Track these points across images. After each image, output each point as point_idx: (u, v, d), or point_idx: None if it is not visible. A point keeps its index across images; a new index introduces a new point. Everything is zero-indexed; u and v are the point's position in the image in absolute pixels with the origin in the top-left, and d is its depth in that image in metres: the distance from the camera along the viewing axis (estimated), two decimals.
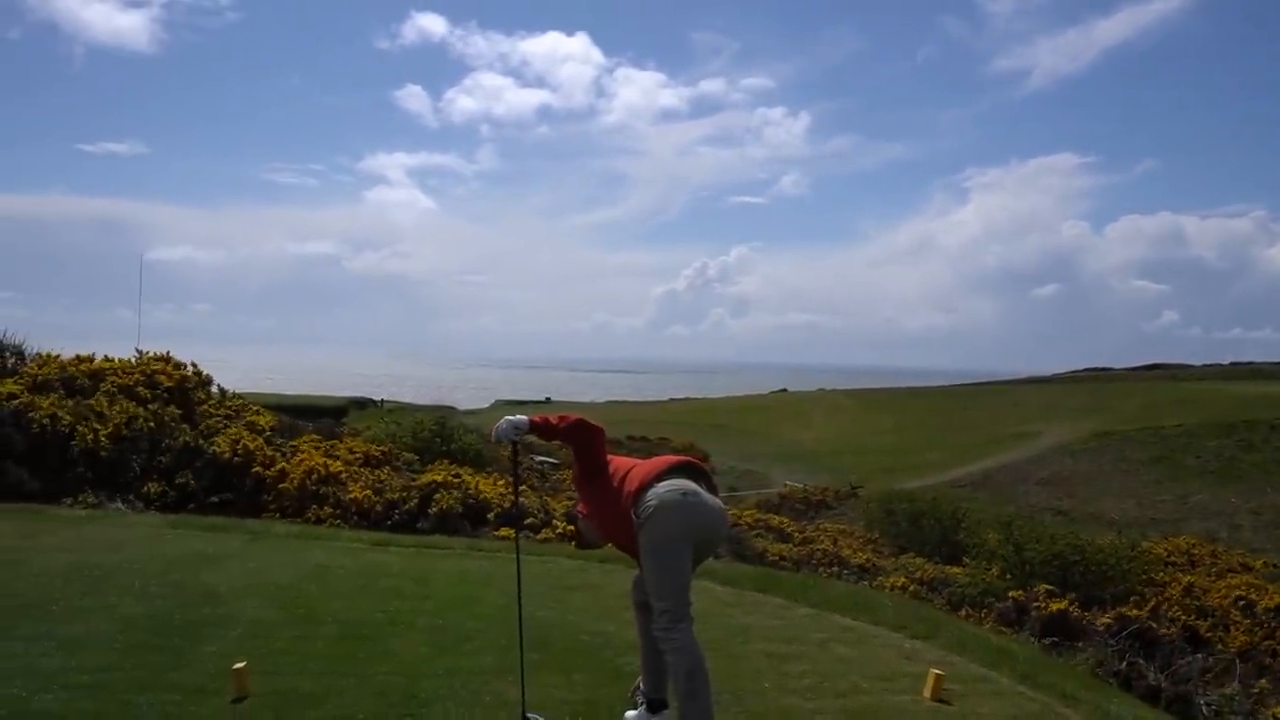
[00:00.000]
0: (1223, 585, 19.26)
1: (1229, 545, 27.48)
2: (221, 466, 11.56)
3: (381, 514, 11.23)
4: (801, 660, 5.97)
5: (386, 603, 6.78)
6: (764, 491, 41.80)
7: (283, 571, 7.55)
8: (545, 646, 5.98)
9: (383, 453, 16.90)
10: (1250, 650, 13.97)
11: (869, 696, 5.45)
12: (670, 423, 71.32)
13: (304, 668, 5.38)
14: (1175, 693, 6.89)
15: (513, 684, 5.27)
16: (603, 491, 4.70)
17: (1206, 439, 45.79)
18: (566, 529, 11.62)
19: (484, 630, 6.26)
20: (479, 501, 11.72)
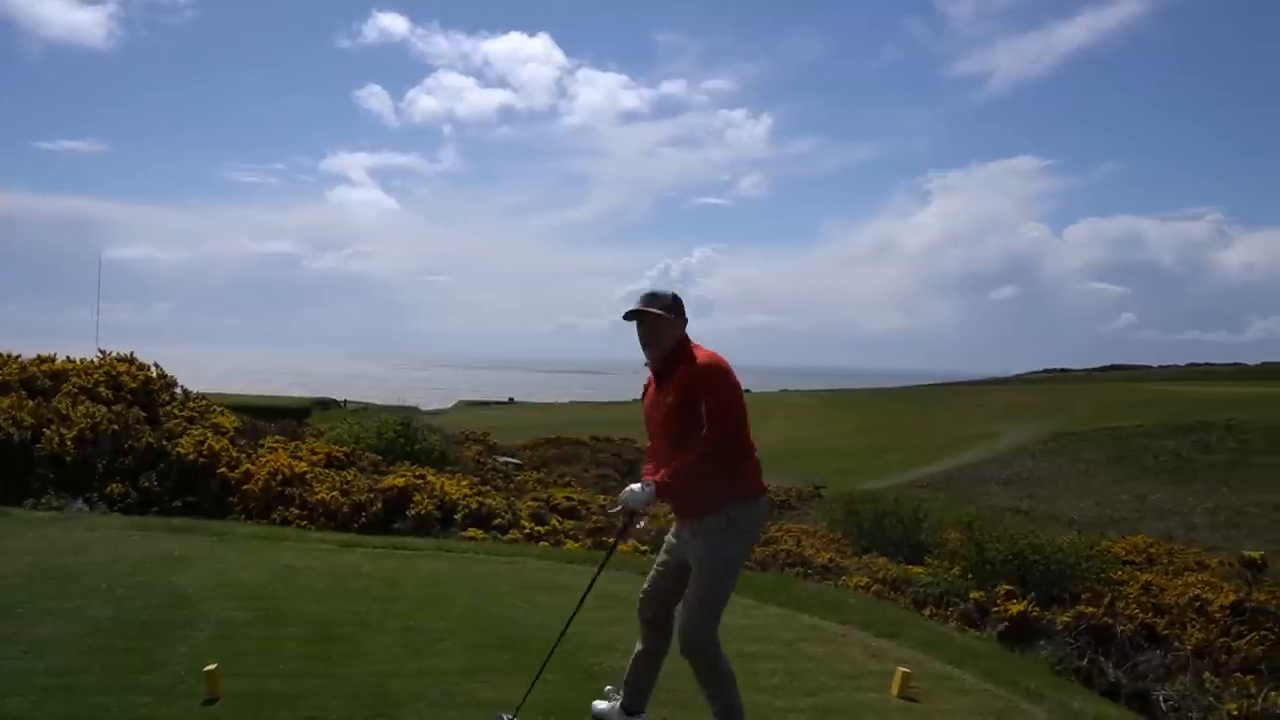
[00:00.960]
0: (1179, 583, 19.55)
1: (1185, 544, 27.86)
2: (186, 468, 11.49)
3: (349, 515, 11.20)
4: (771, 659, 6.04)
5: (356, 603, 6.78)
6: None
7: (250, 572, 7.53)
8: (517, 647, 6.01)
9: (345, 454, 16.84)
10: (1206, 647, 14.21)
11: (837, 694, 5.52)
12: (634, 423, 71.12)
13: (275, 668, 5.38)
14: (1134, 689, 7.01)
15: (485, 684, 5.32)
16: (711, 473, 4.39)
17: (1163, 439, 46.36)
18: (535, 529, 11.64)
19: (455, 631, 6.28)
20: (447, 502, 11.71)
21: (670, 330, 4.45)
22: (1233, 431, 44.42)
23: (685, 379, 4.35)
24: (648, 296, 4.47)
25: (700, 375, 4.33)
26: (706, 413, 4.28)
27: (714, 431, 4.29)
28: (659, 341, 4.45)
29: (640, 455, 53.66)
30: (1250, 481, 36.07)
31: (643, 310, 4.45)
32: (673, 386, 4.38)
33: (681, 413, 4.34)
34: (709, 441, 4.30)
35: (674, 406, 4.36)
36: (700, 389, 4.31)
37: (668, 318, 4.43)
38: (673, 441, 4.40)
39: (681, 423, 4.34)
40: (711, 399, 4.31)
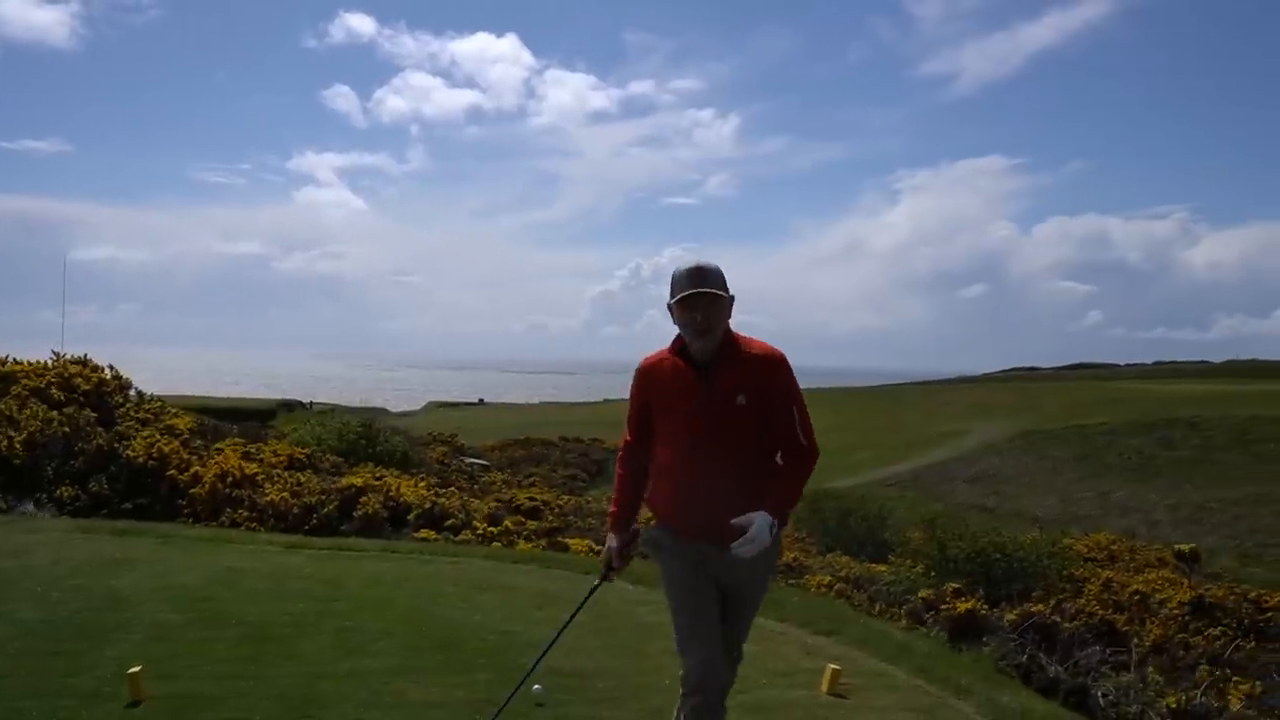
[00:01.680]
0: (1140, 580, 19.75)
1: (1147, 541, 28.11)
2: (137, 471, 11.41)
3: (300, 517, 11.14)
4: None
5: (295, 605, 6.76)
6: None
7: (191, 575, 7.50)
8: (451, 647, 6.01)
9: (307, 455, 16.78)
10: (1165, 643, 14.36)
11: (766, 692, 5.54)
12: (605, 423, 71.25)
13: (204, 671, 5.36)
14: (1073, 685, 7.06)
15: (414, 684, 5.31)
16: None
17: (1128, 437, 46.72)
18: (487, 530, 11.62)
19: (391, 631, 6.27)
20: (400, 504, 11.67)
21: (725, 313, 3.80)
22: (1196, 429, 44.82)
23: (759, 375, 3.74)
24: (700, 272, 3.76)
25: (783, 373, 3.78)
26: (799, 420, 3.78)
27: (810, 442, 3.79)
28: (717, 327, 3.76)
29: (610, 455, 53.71)
30: (1212, 478, 36.42)
31: (707, 291, 3.73)
32: (730, 382, 3.73)
33: (755, 417, 3.73)
34: (813, 456, 3.80)
35: (745, 409, 3.72)
36: (783, 389, 3.77)
37: (726, 298, 3.78)
38: (734, 449, 3.76)
39: (754, 428, 3.75)
40: (798, 402, 3.80)
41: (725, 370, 3.76)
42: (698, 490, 3.81)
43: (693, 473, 3.82)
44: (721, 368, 3.76)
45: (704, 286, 3.71)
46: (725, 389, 3.74)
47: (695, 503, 3.83)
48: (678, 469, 3.88)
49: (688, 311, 3.74)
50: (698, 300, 3.72)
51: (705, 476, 3.79)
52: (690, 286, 3.72)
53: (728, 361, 3.77)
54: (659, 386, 3.92)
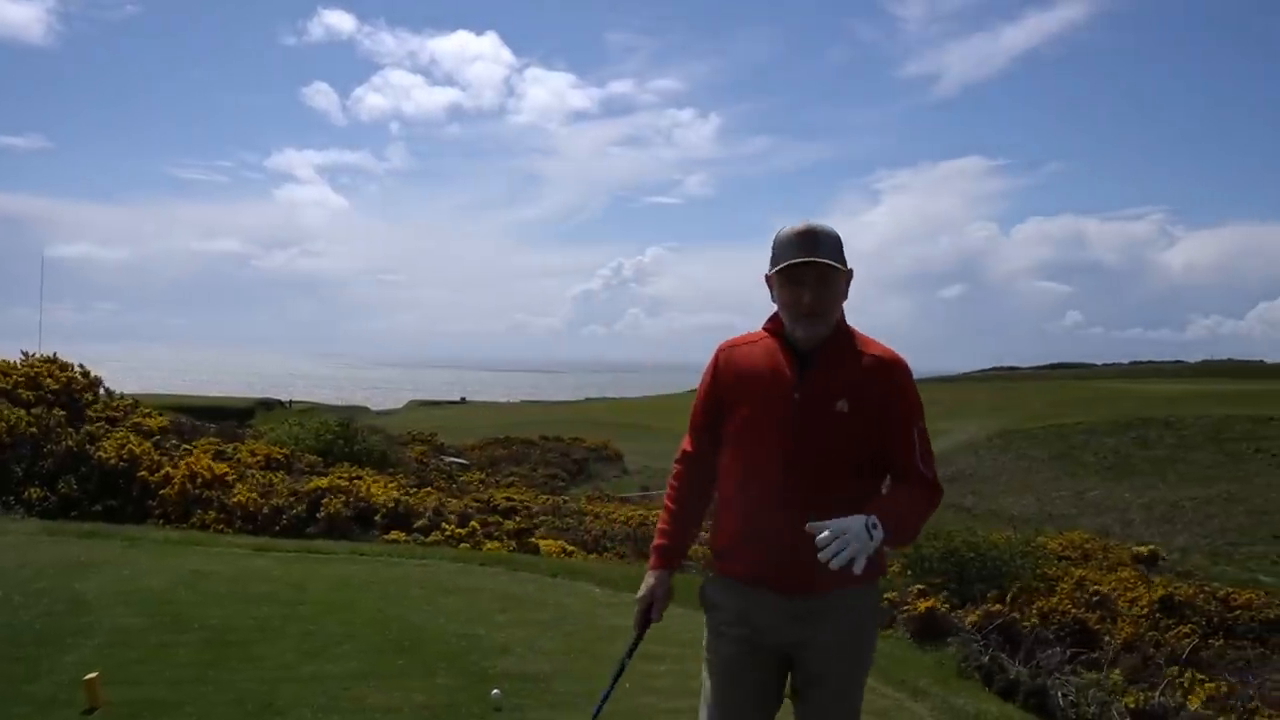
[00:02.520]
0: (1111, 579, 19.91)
1: (1121, 539, 28.33)
2: (107, 472, 11.37)
3: (269, 518, 11.14)
4: (666, 660, 6.07)
5: (258, 608, 6.76)
6: None
7: (156, 578, 7.48)
8: (413, 650, 6.02)
9: (284, 455, 16.77)
10: (1135, 642, 14.49)
11: None
12: (585, 422, 71.35)
13: (163, 676, 5.35)
14: (1033, 686, 7.13)
15: (375, 689, 5.33)
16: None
17: (1104, 436, 47.12)
18: (456, 531, 11.64)
19: (355, 635, 6.27)
20: (368, 505, 11.67)
21: (841, 293, 2.97)
22: (1171, 428, 45.23)
23: (873, 380, 2.92)
24: (811, 235, 2.90)
25: (904, 382, 2.97)
26: (920, 447, 2.95)
27: (934, 475, 2.96)
28: (830, 310, 2.93)
29: (591, 455, 53.77)
30: (1186, 477, 36.75)
31: (820, 262, 2.87)
32: (833, 382, 2.90)
33: (859, 433, 2.89)
34: (936, 494, 2.97)
35: (845, 420, 2.88)
36: (902, 403, 2.94)
37: (844, 272, 2.95)
38: (828, 472, 2.89)
39: (856, 448, 2.90)
40: (920, 424, 2.99)
41: (829, 366, 2.93)
42: (773, 523, 2.90)
43: (769, 499, 2.91)
44: (825, 362, 2.93)
45: (816, 255, 2.86)
46: (823, 389, 2.90)
47: (766, 540, 2.93)
48: (749, 492, 2.98)
49: (792, 287, 2.90)
50: (806, 272, 2.87)
51: (785, 506, 2.86)
52: (798, 254, 2.87)
53: (835, 356, 2.94)
54: (745, 373, 3.02)
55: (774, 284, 2.99)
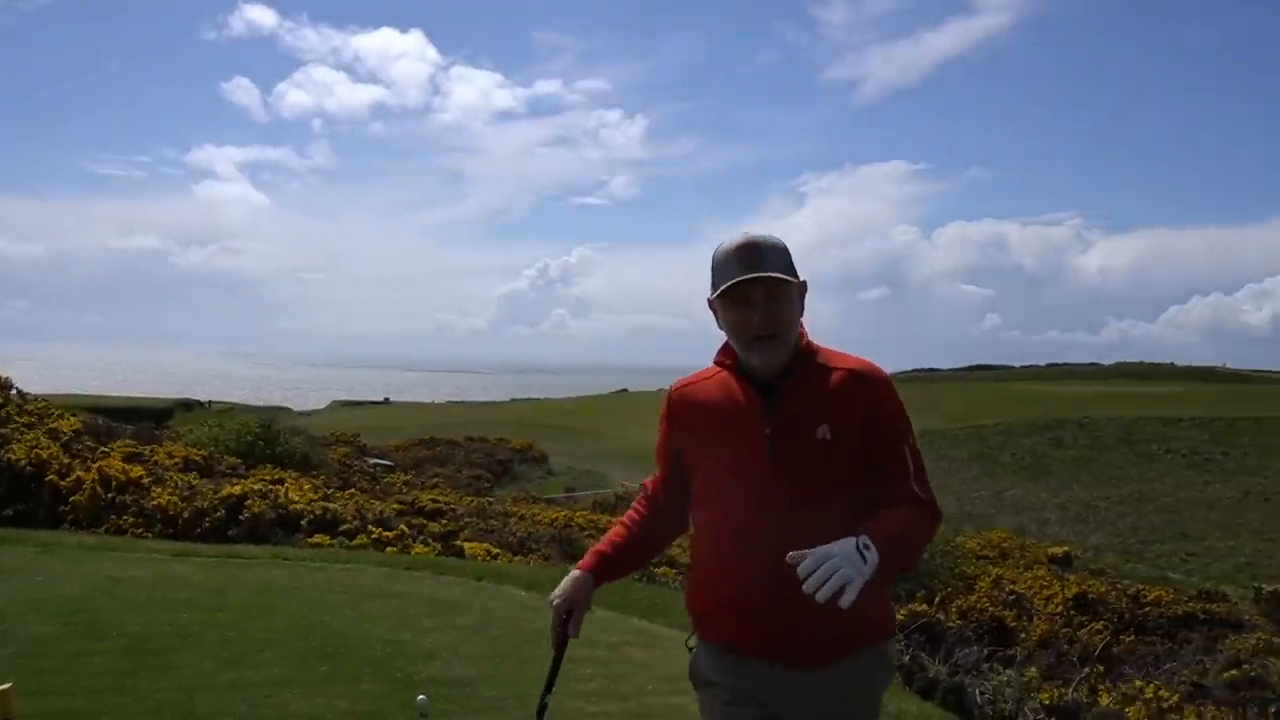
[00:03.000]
0: (1027, 577, 20.34)
1: (1038, 538, 28.92)
2: (17, 475, 11.09)
3: (190, 522, 10.95)
4: (592, 664, 6.10)
5: (177, 615, 6.64)
6: (601, 491, 42.12)
7: (71, 584, 7.32)
8: (337, 657, 5.96)
9: (203, 457, 16.51)
10: (1050, 639, 14.82)
11: (653, 698, 5.61)
12: (511, 423, 71.15)
13: (79, 685, 5.24)
14: (951, 684, 7.26)
15: (297, 696, 5.27)
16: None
17: (1022, 437, 48.06)
18: (382, 534, 11.54)
19: (276, 641, 6.19)
20: (289, 510, 11.52)
21: (795, 308, 2.59)
22: (1085, 429, 46.24)
23: (851, 398, 2.54)
24: (753, 249, 2.54)
25: (887, 397, 2.59)
26: (914, 466, 2.56)
27: (930, 497, 2.56)
28: (784, 330, 2.55)
29: (517, 456, 53.66)
30: (1099, 477, 37.61)
31: (767, 276, 2.51)
32: (807, 407, 2.54)
33: (846, 460, 2.53)
34: (935, 517, 2.55)
35: (829, 448, 2.52)
36: (888, 420, 2.57)
37: (795, 285, 2.57)
38: (814, 509, 2.48)
39: (844, 477, 2.53)
40: (910, 441, 2.60)
41: (800, 390, 2.56)
42: (757, 575, 2.48)
43: (751, 547, 2.51)
44: (795, 387, 2.57)
45: (761, 269, 2.49)
46: (799, 417, 2.54)
47: (753, 595, 2.51)
48: (729, 543, 2.57)
49: (739, 309, 2.53)
50: (753, 290, 2.50)
51: (770, 553, 2.39)
52: (741, 271, 2.50)
53: (803, 379, 2.58)
54: (701, 417, 2.68)
55: (718, 309, 2.59)
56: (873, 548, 2.23)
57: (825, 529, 2.33)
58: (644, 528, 2.85)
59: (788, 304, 2.55)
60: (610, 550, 2.82)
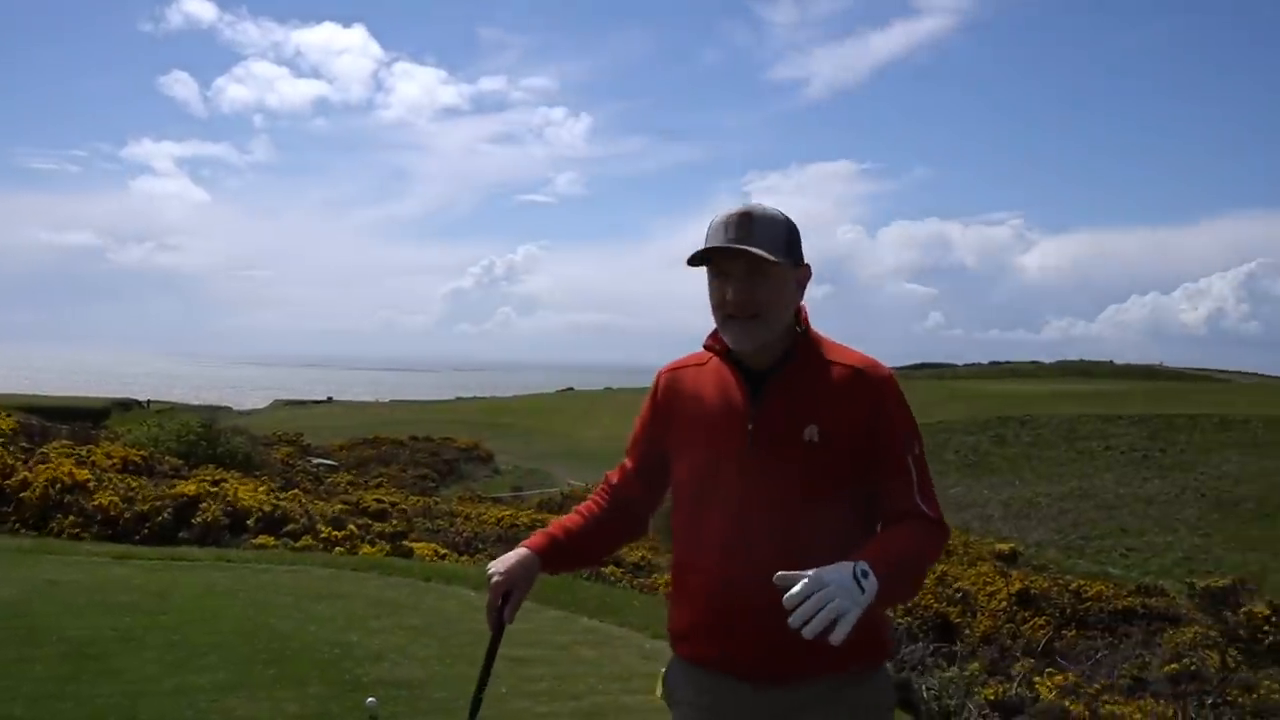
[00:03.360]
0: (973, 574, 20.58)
1: (981, 535, 29.25)
2: None
3: (132, 524, 10.77)
4: (542, 664, 6.09)
5: (119, 619, 6.52)
6: (547, 490, 42.01)
7: (8, 588, 7.17)
8: (283, 660, 5.89)
9: (143, 458, 16.27)
10: (993, 634, 15.00)
11: (603, 697, 5.61)
12: (456, 422, 70.80)
13: (19, 691, 5.13)
14: (897, 679, 7.33)
15: (244, 700, 5.20)
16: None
17: (964, 435, 48.59)
18: (331, 534, 11.43)
19: (221, 645, 6.11)
20: (238, 510, 11.38)
21: (785, 291, 2.32)
22: (1027, 427, 46.89)
23: (848, 399, 2.28)
24: (744, 219, 2.28)
25: (890, 399, 2.31)
26: (918, 479, 2.27)
27: (937, 514, 2.27)
28: (769, 312, 2.28)
29: (462, 455, 53.36)
30: (1041, 474, 38.14)
31: (748, 251, 2.24)
32: (796, 405, 2.28)
33: (836, 468, 2.25)
34: (942, 534, 2.29)
35: (817, 453, 2.25)
36: (891, 426, 2.28)
37: (784, 266, 2.28)
38: (801, 520, 2.24)
39: (834, 487, 2.26)
40: (916, 451, 2.30)
41: (791, 385, 2.31)
42: (737, 594, 2.25)
43: (730, 563, 2.27)
44: (785, 381, 2.32)
45: (746, 241, 2.24)
46: (785, 415, 2.29)
47: (730, 617, 2.27)
48: (706, 557, 2.32)
49: (717, 281, 2.31)
50: (733, 262, 2.27)
51: (751, 571, 2.19)
52: (725, 239, 2.27)
53: (797, 372, 2.33)
54: (690, 406, 2.42)
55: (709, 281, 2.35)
56: (871, 575, 1.96)
57: (814, 541, 2.18)
58: (602, 521, 2.58)
59: (775, 285, 2.28)
60: (563, 536, 2.54)
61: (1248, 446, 36.00)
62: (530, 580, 2.47)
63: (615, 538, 2.72)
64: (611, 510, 2.60)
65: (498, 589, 2.44)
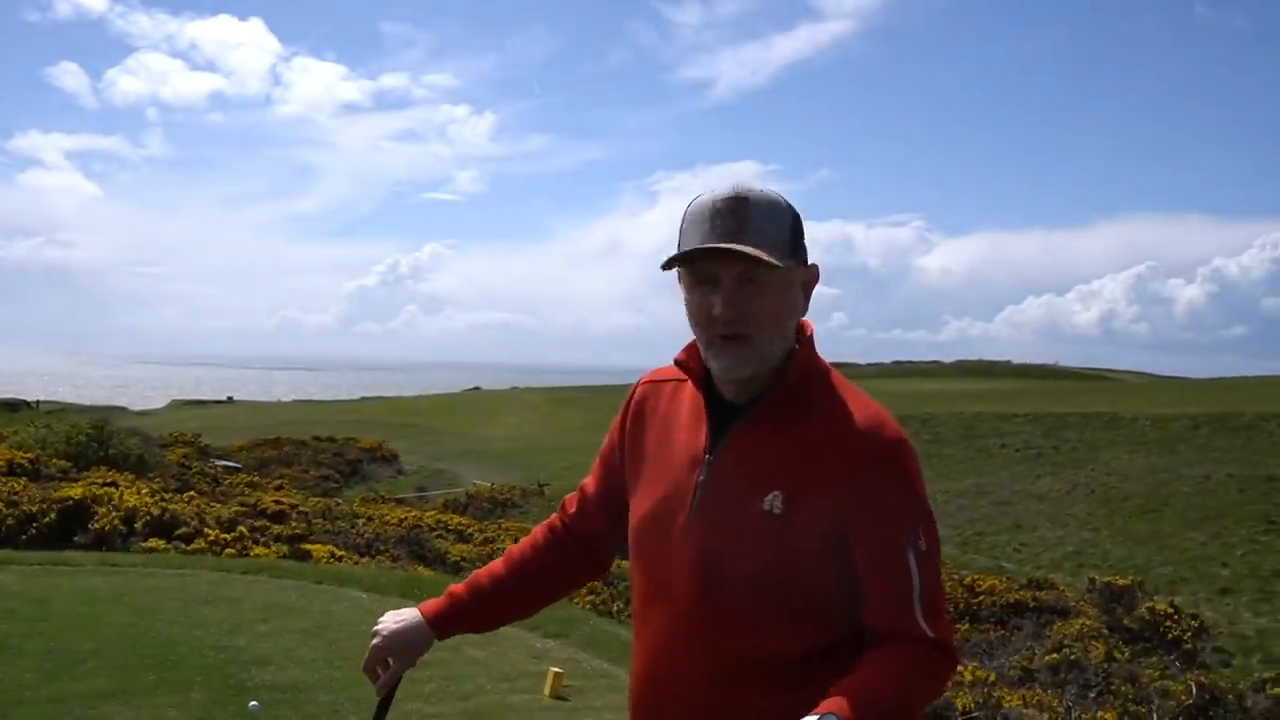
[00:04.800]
0: None
1: None
2: None
3: (15, 528, 10.48)
4: (432, 665, 6.06)
5: None
6: (453, 491, 41.71)
7: None
8: (166, 665, 5.80)
9: (29, 460, 15.86)
10: None
11: (490, 697, 5.64)
12: (360, 422, 69.90)
13: None
14: None
15: (123, 706, 5.12)
16: None
17: None
18: (221, 536, 11.24)
19: (102, 651, 5.99)
20: (125, 513, 11.12)
21: (786, 302, 1.75)
22: (927, 425, 47.68)
23: (836, 466, 1.68)
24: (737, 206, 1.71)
25: (894, 474, 1.69)
26: (921, 582, 1.67)
27: (939, 630, 1.68)
28: (764, 330, 1.72)
29: (366, 455, 52.76)
30: (940, 471, 38.84)
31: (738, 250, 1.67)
32: (763, 462, 1.73)
33: (810, 552, 1.68)
34: (944, 658, 1.70)
35: (779, 528, 1.68)
36: (887, 509, 1.68)
37: (787, 271, 1.73)
38: (754, 617, 1.70)
39: (816, 571, 1.68)
40: (922, 548, 1.68)
41: (760, 432, 1.76)
42: (677, 684, 1.77)
43: (673, 643, 1.78)
44: (756, 425, 1.76)
45: (740, 237, 1.68)
46: (741, 472, 1.74)
47: (668, 710, 1.80)
48: (650, 626, 1.84)
49: (700, 290, 1.74)
50: (722, 267, 1.71)
51: (689, 662, 1.75)
52: (710, 237, 1.71)
53: (775, 414, 1.76)
54: (649, 435, 1.92)
55: (682, 284, 1.80)
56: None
57: (762, 645, 1.70)
58: (538, 565, 2.08)
59: (774, 295, 1.72)
60: (469, 595, 2.05)
61: (1135, 444, 37.07)
62: (414, 652, 2.04)
63: (564, 580, 2.15)
64: (562, 547, 2.08)
65: (375, 655, 2.04)
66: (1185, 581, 21.97)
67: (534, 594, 2.11)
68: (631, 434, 1.94)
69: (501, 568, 2.08)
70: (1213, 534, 24.75)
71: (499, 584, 2.06)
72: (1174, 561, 23.47)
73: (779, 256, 1.68)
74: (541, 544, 2.09)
